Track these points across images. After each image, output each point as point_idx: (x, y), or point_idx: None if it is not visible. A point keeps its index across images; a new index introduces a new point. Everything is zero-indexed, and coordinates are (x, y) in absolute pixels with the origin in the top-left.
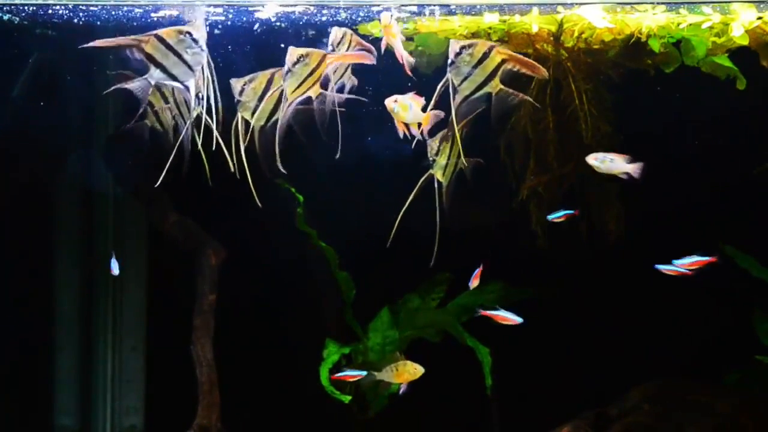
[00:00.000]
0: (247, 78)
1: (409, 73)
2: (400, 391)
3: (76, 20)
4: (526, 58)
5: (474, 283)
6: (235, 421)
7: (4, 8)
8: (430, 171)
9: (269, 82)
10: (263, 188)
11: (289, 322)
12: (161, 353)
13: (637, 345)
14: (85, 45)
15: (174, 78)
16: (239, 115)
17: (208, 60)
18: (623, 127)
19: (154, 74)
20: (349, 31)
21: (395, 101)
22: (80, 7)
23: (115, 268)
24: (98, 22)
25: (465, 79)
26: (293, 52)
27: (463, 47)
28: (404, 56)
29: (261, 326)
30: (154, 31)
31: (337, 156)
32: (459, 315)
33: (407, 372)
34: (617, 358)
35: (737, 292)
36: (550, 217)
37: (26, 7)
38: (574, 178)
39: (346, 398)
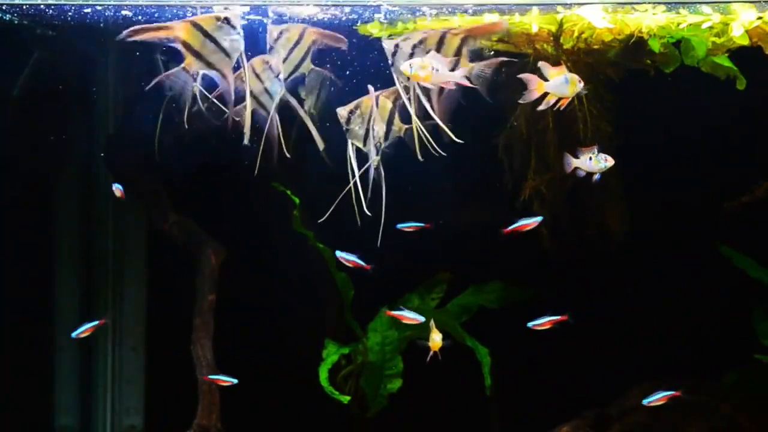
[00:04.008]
0: (352, 105)
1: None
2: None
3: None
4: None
5: None
6: (235, 421)
7: (4, 8)
8: (349, 140)
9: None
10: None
11: (289, 322)
12: (161, 353)
13: (637, 345)
14: (121, 36)
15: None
16: (350, 142)
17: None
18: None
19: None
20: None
21: (410, 65)
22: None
23: (117, 191)
24: None
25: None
26: (272, 30)
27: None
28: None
29: (261, 326)
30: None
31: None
32: (459, 315)
33: (432, 339)
34: (617, 358)
35: (737, 292)
36: (398, 227)
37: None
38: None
39: (346, 398)
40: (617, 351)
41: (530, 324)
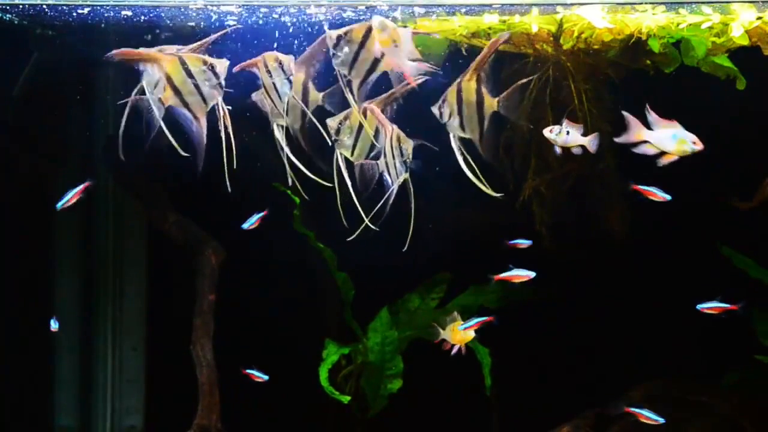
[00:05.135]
0: (341, 116)
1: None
2: (453, 352)
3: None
4: None
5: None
6: (235, 421)
7: (4, 8)
8: (337, 150)
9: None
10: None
11: (289, 322)
12: (161, 353)
13: (637, 345)
14: (109, 55)
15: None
16: (337, 152)
17: None
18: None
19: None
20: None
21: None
22: None
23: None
24: None
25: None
26: (331, 35)
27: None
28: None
29: (261, 326)
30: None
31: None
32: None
33: (458, 333)
34: (617, 358)
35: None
36: (244, 226)
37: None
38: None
39: (346, 398)
40: (617, 351)
41: (461, 327)
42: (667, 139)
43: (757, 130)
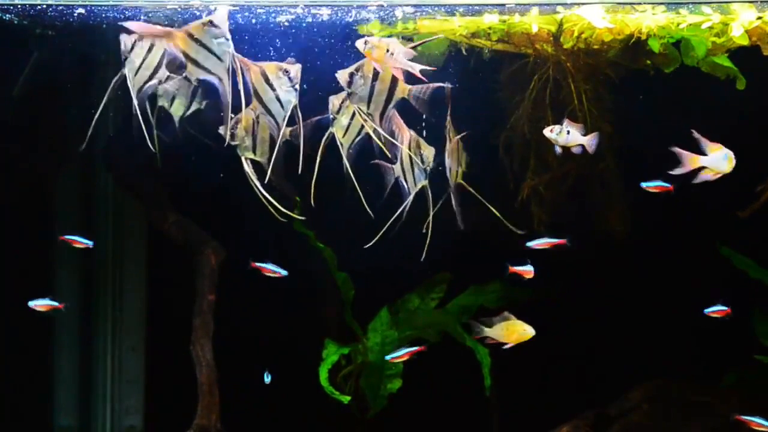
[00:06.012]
0: (343, 94)
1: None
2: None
3: None
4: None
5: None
6: (235, 421)
7: (4, 8)
8: (330, 129)
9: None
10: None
11: (289, 322)
12: (161, 353)
13: (637, 345)
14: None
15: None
16: (332, 129)
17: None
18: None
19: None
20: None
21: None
22: None
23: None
24: None
25: None
26: (343, 75)
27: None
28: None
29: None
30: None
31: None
32: (459, 315)
33: (516, 331)
34: (617, 358)
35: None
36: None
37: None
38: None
39: (346, 398)
40: (617, 351)
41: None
42: (721, 160)
43: (757, 130)
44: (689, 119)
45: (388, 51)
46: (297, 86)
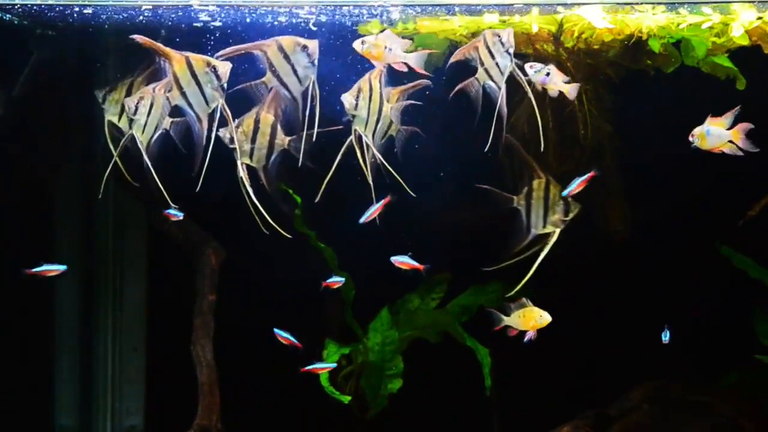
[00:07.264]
0: (356, 90)
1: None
2: (526, 339)
3: None
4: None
5: None
6: (235, 421)
7: (4, 8)
8: (353, 126)
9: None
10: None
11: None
12: (161, 353)
13: (637, 345)
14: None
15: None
16: (354, 128)
17: None
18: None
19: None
20: None
21: (531, 67)
22: None
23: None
24: None
25: None
26: (348, 99)
27: None
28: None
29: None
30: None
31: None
32: (459, 315)
33: (533, 318)
34: (617, 358)
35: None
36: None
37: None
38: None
39: (346, 399)
40: (617, 351)
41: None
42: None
43: (757, 130)
44: (689, 119)
45: (386, 47)
46: (315, 62)
